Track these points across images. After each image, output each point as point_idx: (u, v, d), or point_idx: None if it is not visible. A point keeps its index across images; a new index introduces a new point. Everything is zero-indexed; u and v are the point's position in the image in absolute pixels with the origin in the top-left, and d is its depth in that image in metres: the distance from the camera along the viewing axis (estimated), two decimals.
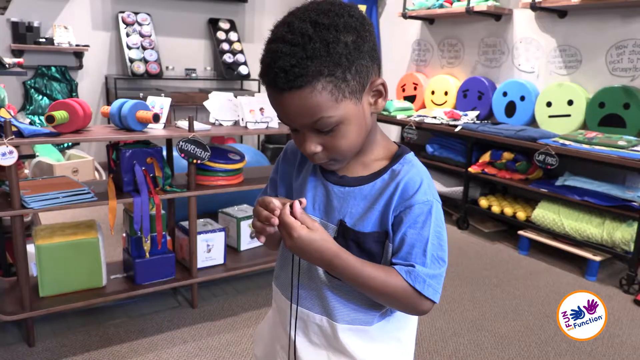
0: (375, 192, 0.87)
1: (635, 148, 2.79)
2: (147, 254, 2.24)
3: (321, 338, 0.93)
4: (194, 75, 5.17)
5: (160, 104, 2.25)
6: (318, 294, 0.92)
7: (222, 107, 2.42)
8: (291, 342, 0.96)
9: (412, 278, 0.82)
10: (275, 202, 0.82)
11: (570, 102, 3.38)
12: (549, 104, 3.50)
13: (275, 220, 0.81)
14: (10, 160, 1.80)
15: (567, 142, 3.05)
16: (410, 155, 0.90)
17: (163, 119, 2.21)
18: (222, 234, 2.50)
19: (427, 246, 0.83)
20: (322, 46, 0.74)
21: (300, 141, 0.85)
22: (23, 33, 4.39)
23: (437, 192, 0.88)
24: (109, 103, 4.85)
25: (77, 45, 4.64)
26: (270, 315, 1.08)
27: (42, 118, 4.49)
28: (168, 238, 2.35)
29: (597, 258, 2.94)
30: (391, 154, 0.91)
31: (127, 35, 4.84)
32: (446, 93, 4.26)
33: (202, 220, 2.56)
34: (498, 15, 3.89)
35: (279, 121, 2.46)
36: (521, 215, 3.38)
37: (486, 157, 3.55)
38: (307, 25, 0.75)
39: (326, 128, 0.80)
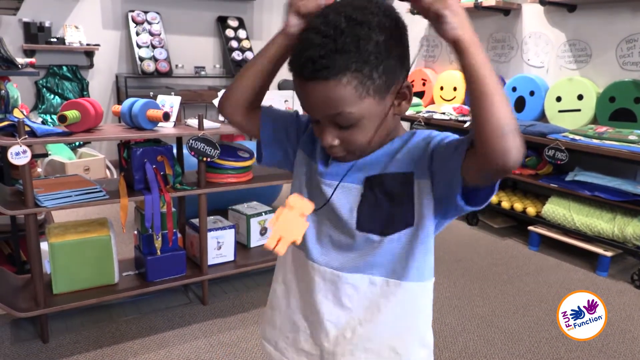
0: (389, 151, 0.88)
1: None
2: (158, 251, 2.26)
3: (353, 299, 0.90)
4: (203, 73, 5.19)
5: (170, 102, 2.27)
6: (351, 252, 0.90)
7: None
8: (319, 307, 0.93)
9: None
10: None
11: (580, 97, 3.35)
12: (558, 99, 3.48)
13: None
14: (24, 159, 1.83)
15: (577, 137, 3.03)
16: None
17: (173, 118, 2.23)
18: (232, 231, 2.52)
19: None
20: (353, 41, 0.75)
21: (319, 132, 0.86)
22: (35, 33, 4.44)
23: None
24: (119, 101, 4.89)
25: (87, 45, 4.68)
26: (280, 293, 1.03)
27: (54, 117, 4.54)
28: (179, 235, 2.37)
29: (608, 253, 2.93)
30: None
31: (137, 34, 4.87)
32: (455, 89, 4.24)
33: (212, 217, 2.58)
34: (507, 10, 3.87)
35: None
36: (531, 210, 3.37)
37: None
38: (342, 19, 0.76)
39: (346, 123, 0.81)
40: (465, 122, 3.66)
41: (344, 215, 0.89)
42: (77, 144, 4.67)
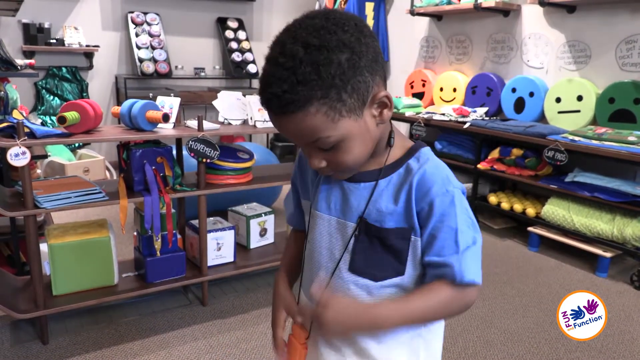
0: (393, 187, 0.86)
1: None
2: (158, 253, 2.26)
3: (343, 341, 0.94)
4: (202, 74, 5.19)
5: (169, 103, 2.27)
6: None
7: (231, 106, 2.44)
8: (318, 346, 0.96)
9: (457, 282, 0.82)
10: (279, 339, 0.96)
11: (579, 98, 3.36)
12: (558, 100, 3.48)
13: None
14: (23, 161, 1.83)
15: (576, 138, 3.03)
16: (427, 150, 0.89)
17: (172, 119, 2.23)
18: (232, 232, 2.52)
19: (458, 236, 0.83)
20: (313, 69, 0.73)
21: (307, 154, 0.85)
22: (34, 34, 4.44)
23: (458, 181, 0.87)
24: (119, 102, 4.89)
25: (87, 46, 4.68)
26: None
27: (54, 118, 4.54)
28: (178, 236, 2.37)
29: (608, 254, 2.93)
30: (406, 149, 0.90)
31: (137, 35, 4.87)
32: (455, 89, 4.24)
33: (211, 218, 2.58)
34: (506, 11, 3.87)
35: None
36: (531, 211, 3.37)
37: (495, 153, 3.53)
38: (298, 47, 0.73)
39: (326, 147, 0.80)
40: (464, 123, 3.66)
41: (336, 255, 0.91)
42: (76, 145, 4.67)
